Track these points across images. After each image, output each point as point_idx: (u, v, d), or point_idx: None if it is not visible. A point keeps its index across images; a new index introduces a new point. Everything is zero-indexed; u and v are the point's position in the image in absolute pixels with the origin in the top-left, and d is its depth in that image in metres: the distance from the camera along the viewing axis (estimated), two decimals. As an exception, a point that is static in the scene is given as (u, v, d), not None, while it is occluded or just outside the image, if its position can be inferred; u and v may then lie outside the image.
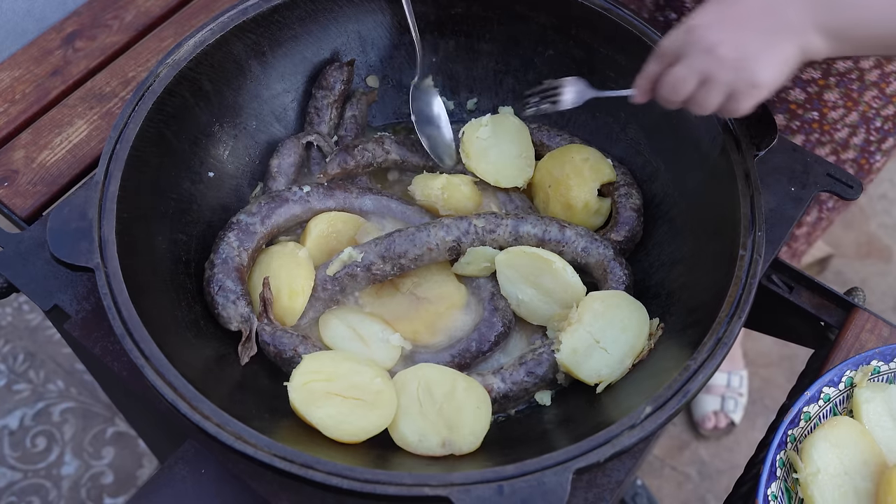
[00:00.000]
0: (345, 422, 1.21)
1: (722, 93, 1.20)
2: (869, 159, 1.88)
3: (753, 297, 1.21)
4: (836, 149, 1.83)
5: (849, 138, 1.80)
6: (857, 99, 1.70)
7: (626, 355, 1.29)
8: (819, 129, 1.77)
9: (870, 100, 1.70)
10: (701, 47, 1.18)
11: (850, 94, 1.68)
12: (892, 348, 1.37)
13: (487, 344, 1.35)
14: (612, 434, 1.09)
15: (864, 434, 1.30)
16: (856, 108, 1.72)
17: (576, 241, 1.39)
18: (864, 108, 1.72)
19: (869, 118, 1.75)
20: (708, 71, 1.19)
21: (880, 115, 1.75)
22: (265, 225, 1.41)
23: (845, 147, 1.82)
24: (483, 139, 1.51)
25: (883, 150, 1.87)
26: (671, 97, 1.24)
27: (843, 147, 1.82)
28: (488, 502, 1.03)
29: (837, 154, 1.85)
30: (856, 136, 1.80)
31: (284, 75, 1.56)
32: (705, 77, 1.19)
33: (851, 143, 1.82)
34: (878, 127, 1.78)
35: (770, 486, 1.26)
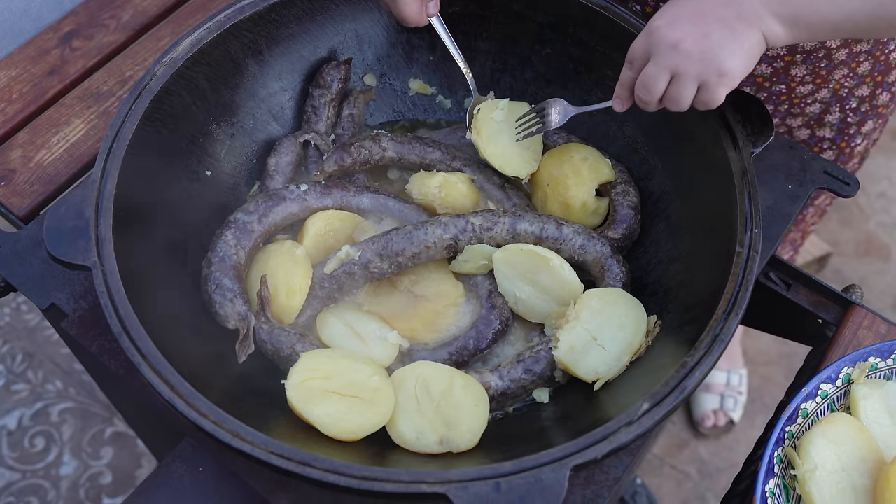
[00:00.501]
0: (342, 419, 1.21)
1: (693, 85, 1.24)
2: (850, 142, 1.88)
3: (750, 293, 1.21)
4: (809, 122, 1.83)
5: (822, 115, 1.81)
6: (827, 77, 1.70)
7: (623, 352, 1.29)
8: (788, 102, 1.78)
9: (840, 78, 1.71)
10: (666, 45, 1.23)
11: (819, 70, 1.69)
12: (890, 345, 1.37)
13: (485, 342, 1.35)
14: (609, 431, 1.09)
15: (862, 430, 1.30)
16: (826, 86, 1.73)
17: (573, 238, 1.39)
18: (836, 85, 1.72)
19: (842, 97, 1.75)
20: (675, 66, 1.23)
21: (854, 95, 1.75)
22: (262, 223, 1.41)
23: (820, 123, 1.83)
24: (497, 121, 1.51)
25: (863, 132, 1.87)
26: (646, 98, 1.28)
27: (818, 123, 1.83)
28: (486, 499, 1.03)
29: (812, 129, 1.85)
30: (830, 114, 1.81)
31: (282, 74, 1.56)
32: (674, 73, 1.24)
33: (827, 121, 1.82)
34: (854, 108, 1.79)
35: (768, 483, 1.26)
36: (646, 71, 1.26)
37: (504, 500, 1.03)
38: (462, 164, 1.52)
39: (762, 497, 1.25)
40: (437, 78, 1.65)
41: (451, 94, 1.66)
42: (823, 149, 1.89)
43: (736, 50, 1.21)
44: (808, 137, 1.86)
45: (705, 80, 1.23)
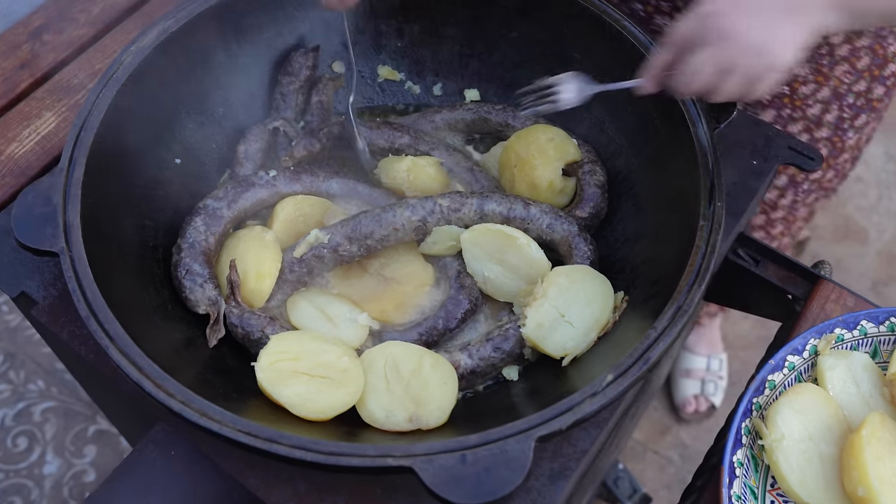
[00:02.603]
0: (312, 400, 1.22)
1: (742, 79, 1.19)
2: (842, 136, 1.89)
3: (714, 266, 1.22)
4: (808, 126, 1.84)
5: (822, 115, 1.82)
6: (828, 74, 1.71)
7: (590, 328, 1.30)
8: (790, 105, 1.78)
9: (841, 74, 1.72)
10: (719, 35, 1.17)
11: (821, 69, 1.70)
12: (856, 316, 1.38)
13: (454, 321, 1.36)
14: (573, 402, 1.10)
15: (828, 400, 1.31)
16: (827, 84, 1.73)
17: (540, 217, 1.40)
18: (836, 83, 1.73)
19: (841, 94, 1.76)
20: (728, 59, 1.17)
21: (852, 91, 1.76)
22: (232, 209, 1.42)
23: (819, 125, 1.84)
24: None
25: (856, 126, 1.88)
26: (687, 87, 1.22)
27: (817, 125, 1.84)
28: (451, 471, 1.04)
29: (811, 132, 1.86)
30: (829, 113, 1.82)
31: (250, 62, 1.57)
32: (726, 65, 1.18)
33: (825, 121, 1.83)
34: (850, 103, 1.80)
35: (735, 454, 1.27)
36: (694, 61, 1.20)
37: (470, 471, 1.04)
38: (430, 147, 1.53)
39: (730, 468, 1.26)
40: (406, 64, 1.66)
41: (419, 80, 1.67)
42: (819, 147, 1.90)
43: (789, 44, 1.17)
44: (807, 141, 1.87)
45: (755, 74, 1.19)
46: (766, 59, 1.17)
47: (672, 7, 1.70)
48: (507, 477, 1.04)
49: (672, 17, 1.70)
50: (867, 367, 1.36)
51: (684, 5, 1.69)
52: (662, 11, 1.70)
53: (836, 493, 1.25)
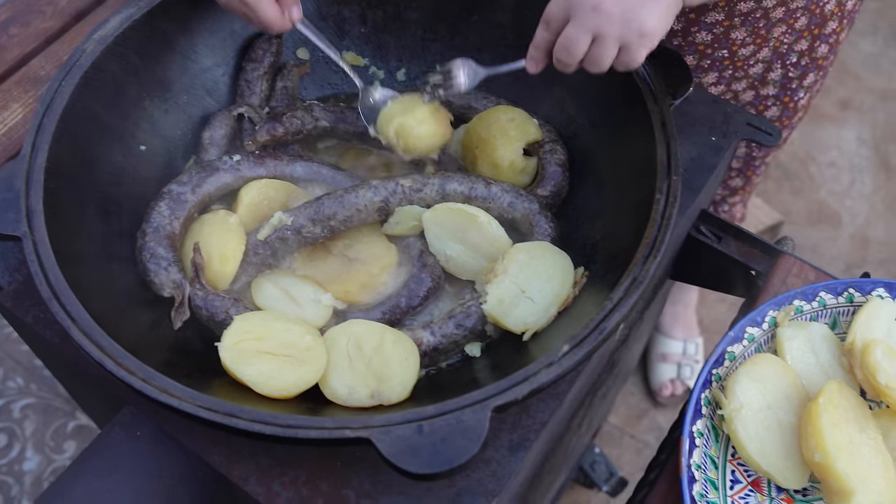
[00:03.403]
0: (275, 378, 1.23)
1: (614, 47, 1.25)
2: (792, 97, 1.93)
3: (671, 238, 1.24)
4: (753, 83, 1.87)
5: (765, 73, 1.85)
6: (766, 35, 1.74)
7: (551, 303, 1.31)
8: (732, 66, 1.82)
9: (780, 35, 1.75)
10: (586, 6, 1.24)
11: (758, 31, 1.73)
12: (814, 287, 1.40)
13: (417, 299, 1.37)
14: (530, 372, 1.11)
15: (787, 370, 1.33)
16: (766, 45, 1.77)
17: (501, 196, 1.41)
18: (775, 43, 1.77)
19: (782, 53, 1.80)
20: (597, 28, 1.24)
21: (794, 51, 1.80)
22: (196, 194, 1.43)
23: (763, 82, 1.87)
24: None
25: (805, 86, 1.92)
26: (567, 60, 1.29)
27: (762, 83, 1.87)
28: (408, 442, 1.05)
29: (756, 90, 1.89)
30: (772, 72, 1.85)
31: (214, 49, 1.58)
32: (595, 34, 1.24)
33: (770, 79, 1.86)
34: (794, 62, 1.83)
35: (695, 424, 1.29)
36: (566, 33, 1.27)
37: (426, 441, 1.06)
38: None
39: (690, 438, 1.28)
40: (370, 49, 1.67)
41: (383, 65, 1.68)
42: (768, 106, 1.93)
43: (655, 10, 1.23)
44: (753, 98, 1.90)
45: (627, 42, 1.25)
46: (634, 26, 1.23)
47: None
48: (464, 446, 1.05)
49: None
50: (826, 337, 1.38)
51: None
52: None
53: (795, 461, 1.27)
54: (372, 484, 1.16)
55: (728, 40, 1.73)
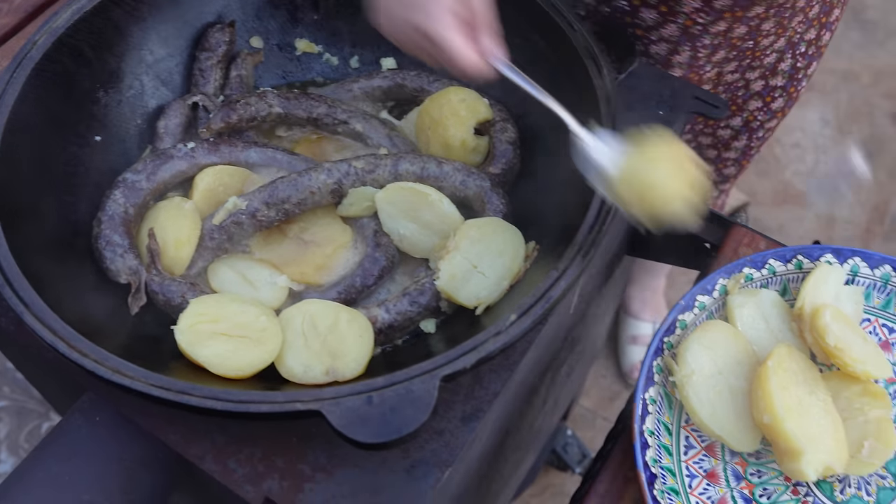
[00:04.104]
0: (230, 358, 1.24)
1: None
2: (797, 86, 1.96)
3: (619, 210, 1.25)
4: (764, 73, 1.89)
5: (777, 63, 1.87)
6: (787, 25, 1.76)
7: (502, 277, 1.33)
8: (751, 56, 1.83)
9: (796, 25, 1.77)
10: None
11: (783, 21, 1.74)
12: (763, 255, 1.42)
13: (372, 278, 1.39)
14: (478, 342, 1.13)
15: (737, 336, 1.35)
16: (784, 35, 1.79)
17: (453, 175, 1.43)
18: (791, 33, 1.79)
19: (794, 43, 1.82)
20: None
21: (804, 40, 1.82)
22: (151, 181, 1.44)
23: (773, 73, 1.89)
24: None
25: (809, 74, 1.94)
26: None
27: (772, 73, 1.89)
28: (358, 412, 1.07)
29: (766, 79, 1.91)
30: (783, 62, 1.87)
31: (167, 39, 1.59)
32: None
33: (779, 69, 1.89)
34: (802, 52, 1.85)
35: (648, 391, 1.31)
36: None
37: (376, 411, 1.07)
38: (348, 115, 1.56)
39: (643, 405, 1.30)
40: (323, 36, 1.69)
41: (337, 52, 1.69)
42: (775, 97, 1.95)
43: None
44: (762, 88, 1.92)
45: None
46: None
47: (660, 1, 1.72)
48: (413, 415, 1.07)
49: (658, 10, 1.72)
50: (776, 303, 1.40)
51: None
52: (649, 4, 1.72)
53: (746, 424, 1.30)
54: (327, 458, 1.18)
55: (757, 31, 1.75)
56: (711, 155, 2.20)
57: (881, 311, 1.43)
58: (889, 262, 1.43)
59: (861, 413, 1.31)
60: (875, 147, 3.35)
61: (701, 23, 1.69)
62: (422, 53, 1.25)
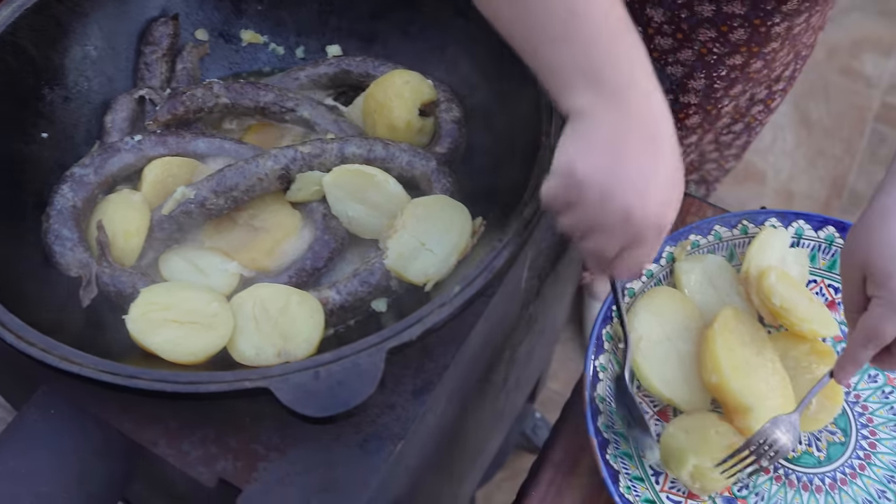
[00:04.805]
0: (182, 344, 1.25)
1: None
2: (792, 83, 2.07)
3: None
4: (770, 84, 2.00)
5: (782, 72, 1.97)
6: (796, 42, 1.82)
7: (450, 254, 1.34)
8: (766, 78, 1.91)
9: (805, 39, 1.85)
10: None
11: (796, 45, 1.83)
12: (708, 221, 1.44)
13: (322, 260, 1.40)
14: (423, 314, 1.14)
15: (685, 301, 1.37)
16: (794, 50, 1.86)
17: (400, 156, 1.44)
18: (799, 45, 1.87)
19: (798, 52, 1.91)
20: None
21: (806, 46, 1.91)
22: (99, 175, 1.44)
23: (777, 80, 2.00)
24: None
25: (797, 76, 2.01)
26: None
27: (776, 80, 2.00)
28: (305, 388, 1.08)
29: (770, 87, 2.03)
30: (787, 70, 1.97)
31: (111, 35, 1.59)
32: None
33: (783, 76, 1.99)
34: (803, 56, 1.96)
35: (598, 359, 1.32)
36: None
37: (323, 386, 1.08)
38: (295, 103, 1.57)
39: (593, 372, 1.31)
40: (268, 26, 1.69)
41: (282, 41, 1.70)
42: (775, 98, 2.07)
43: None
44: (766, 95, 2.01)
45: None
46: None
47: (675, 29, 1.72)
48: (360, 388, 1.08)
49: (674, 37, 1.73)
50: (722, 267, 1.42)
51: (689, 28, 1.74)
52: (664, 33, 1.74)
53: (695, 387, 1.32)
54: (281, 437, 1.19)
55: (773, 60, 1.79)
56: (714, 156, 2.25)
57: (826, 271, 1.45)
58: (832, 223, 1.45)
59: (809, 371, 1.33)
60: (832, 122, 3.39)
61: (717, 53, 1.72)
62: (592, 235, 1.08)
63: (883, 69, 3.50)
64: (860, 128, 3.37)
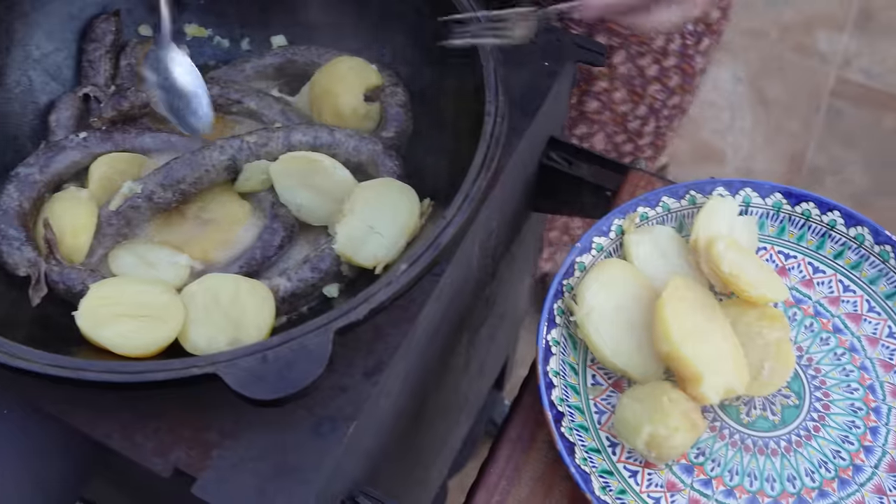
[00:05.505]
0: (133, 338, 1.25)
1: None
2: (690, 62, 2.00)
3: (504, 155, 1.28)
4: (657, 58, 1.93)
5: (666, 45, 1.91)
6: None
7: (399, 236, 1.35)
8: (637, 42, 1.87)
9: None
10: None
11: None
12: (655, 193, 1.45)
13: (272, 249, 1.40)
14: (370, 293, 1.15)
15: (635, 272, 1.37)
16: None
17: (346, 141, 1.44)
18: None
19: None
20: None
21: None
22: (44, 174, 1.44)
23: (665, 54, 1.93)
24: None
25: (700, 51, 1.98)
26: None
27: (664, 55, 1.93)
28: (253, 372, 1.08)
29: (660, 62, 1.95)
30: (672, 43, 1.91)
31: (53, 33, 1.58)
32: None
33: (670, 50, 1.93)
34: (690, 31, 1.89)
35: (550, 333, 1.33)
36: None
37: (272, 368, 1.08)
38: (241, 95, 1.57)
39: (545, 347, 1.32)
40: (211, 19, 1.69)
41: (227, 34, 1.70)
42: (670, 76, 2.01)
43: None
44: (658, 72, 1.97)
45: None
46: None
47: None
48: (308, 369, 1.08)
49: None
50: (672, 238, 1.43)
51: None
52: None
53: (648, 357, 1.32)
54: (234, 424, 1.18)
55: None
56: (629, 149, 2.24)
57: (776, 238, 1.47)
58: (779, 189, 1.46)
59: (760, 336, 1.34)
60: (789, 100, 3.41)
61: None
62: None
63: (836, 45, 3.53)
64: (817, 104, 3.41)
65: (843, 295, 1.42)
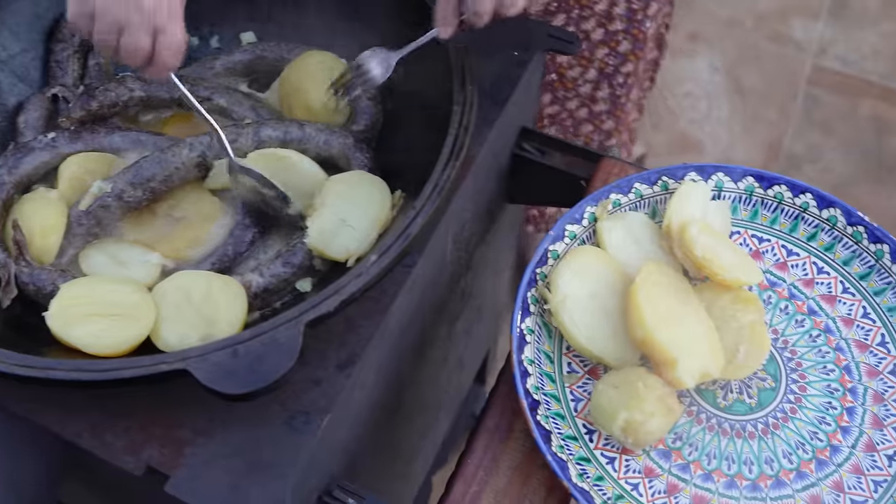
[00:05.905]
0: (104, 337, 1.24)
1: None
2: (640, 27, 1.98)
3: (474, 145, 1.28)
4: (602, 21, 1.92)
5: (610, 9, 1.90)
6: None
7: (371, 228, 1.34)
8: (577, 5, 1.86)
9: None
10: None
11: None
12: (628, 180, 1.44)
13: (244, 245, 1.39)
14: (340, 285, 1.14)
15: (608, 259, 1.37)
16: None
17: (316, 136, 1.44)
18: None
19: None
20: None
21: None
22: (13, 175, 1.43)
23: (610, 18, 1.92)
24: None
25: (650, 15, 1.97)
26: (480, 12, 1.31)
27: (608, 18, 1.92)
28: (224, 366, 1.08)
29: (605, 26, 1.95)
30: (617, 7, 1.90)
31: (20, 34, 1.57)
32: None
33: (615, 14, 1.92)
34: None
35: (525, 322, 1.32)
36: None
37: (242, 363, 1.08)
38: (210, 92, 1.56)
39: (520, 335, 1.31)
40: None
41: (196, 32, 1.69)
42: (619, 41, 1.98)
43: None
44: (604, 36, 1.96)
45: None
46: None
47: None
48: (279, 362, 1.08)
49: None
50: (645, 224, 1.43)
51: None
52: None
53: (623, 343, 1.32)
54: (207, 421, 1.17)
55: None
56: (584, 114, 2.23)
57: (749, 222, 1.47)
58: (751, 173, 1.46)
59: (735, 320, 1.34)
60: (765, 88, 3.42)
61: None
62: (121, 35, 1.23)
63: (812, 33, 3.54)
64: (793, 92, 3.41)
65: (817, 277, 1.42)
